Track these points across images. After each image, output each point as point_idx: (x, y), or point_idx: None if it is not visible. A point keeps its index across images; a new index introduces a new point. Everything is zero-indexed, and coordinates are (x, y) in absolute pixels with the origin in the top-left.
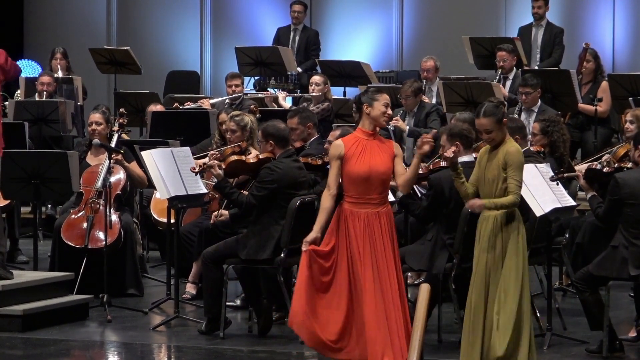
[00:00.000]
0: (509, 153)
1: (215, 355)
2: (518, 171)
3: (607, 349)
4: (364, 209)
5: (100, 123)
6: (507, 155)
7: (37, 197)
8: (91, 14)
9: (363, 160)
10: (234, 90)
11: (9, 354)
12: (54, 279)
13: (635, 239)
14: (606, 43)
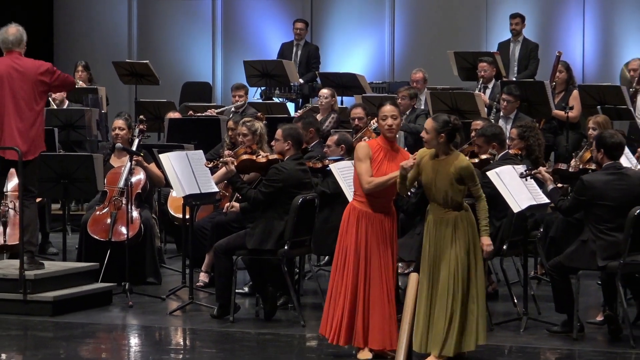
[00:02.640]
0: (462, 168)
1: (226, 337)
2: (475, 179)
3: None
4: (371, 209)
5: (122, 128)
6: (461, 171)
7: (65, 196)
8: (114, 30)
9: (381, 167)
10: (237, 100)
11: (40, 335)
12: (81, 269)
13: (602, 234)
14: (577, 56)
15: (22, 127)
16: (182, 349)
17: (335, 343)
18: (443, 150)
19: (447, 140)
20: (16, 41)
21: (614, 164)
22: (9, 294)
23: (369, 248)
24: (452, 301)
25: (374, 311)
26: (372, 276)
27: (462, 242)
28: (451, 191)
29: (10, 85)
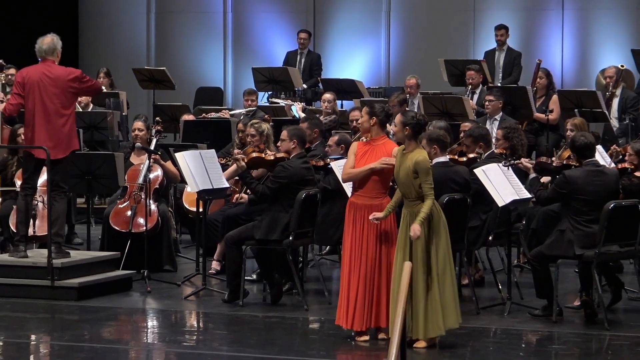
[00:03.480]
0: (417, 162)
1: (236, 320)
2: (428, 176)
3: (555, 314)
4: (362, 201)
5: (141, 129)
6: (416, 165)
7: (90, 191)
8: (134, 40)
9: (362, 162)
10: (249, 104)
11: (67, 318)
12: (103, 257)
13: (579, 224)
14: (556, 64)
15: (51, 128)
16: (196, 331)
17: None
18: (407, 144)
19: (411, 133)
20: (49, 50)
21: (593, 162)
22: (38, 281)
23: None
24: (416, 289)
25: (360, 295)
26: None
27: (424, 233)
28: (411, 184)
29: (41, 90)
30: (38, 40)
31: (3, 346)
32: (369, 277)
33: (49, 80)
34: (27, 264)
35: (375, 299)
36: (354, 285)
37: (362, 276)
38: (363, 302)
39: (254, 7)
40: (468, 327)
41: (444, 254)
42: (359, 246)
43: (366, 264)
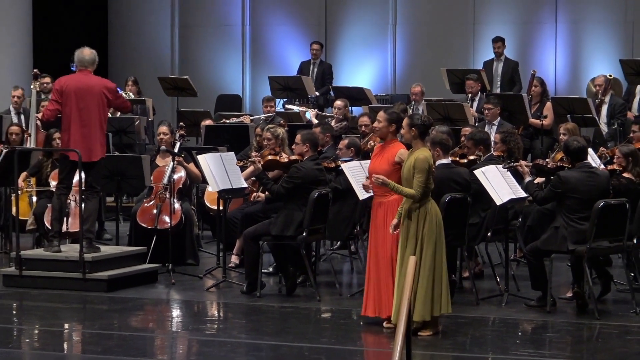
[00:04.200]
0: (417, 159)
1: (253, 310)
2: (421, 173)
3: (549, 305)
4: (375, 199)
5: (166, 133)
6: (416, 162)
7: (118, 190)
8: (160, 51)
9: (374, 161)
10: (268, 110)
11: (97, 308)
12: (131, 252)
13: (572, 222)
14: (550, 73)
15: (86, 133)
16: (217, 320)
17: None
18: (414, 144)
19: (418, 134)
20: (90, 61)
21: (586, 164)
22: (70, 273)
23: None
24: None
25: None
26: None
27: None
28: (412, 180)
29: (78, 98)
30: (77, 52)
31: (39, 334)
32: (386, 269)
33: (86, 88)
34: (60, 258)
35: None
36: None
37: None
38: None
39: (270, 21)
40: (468, 316)
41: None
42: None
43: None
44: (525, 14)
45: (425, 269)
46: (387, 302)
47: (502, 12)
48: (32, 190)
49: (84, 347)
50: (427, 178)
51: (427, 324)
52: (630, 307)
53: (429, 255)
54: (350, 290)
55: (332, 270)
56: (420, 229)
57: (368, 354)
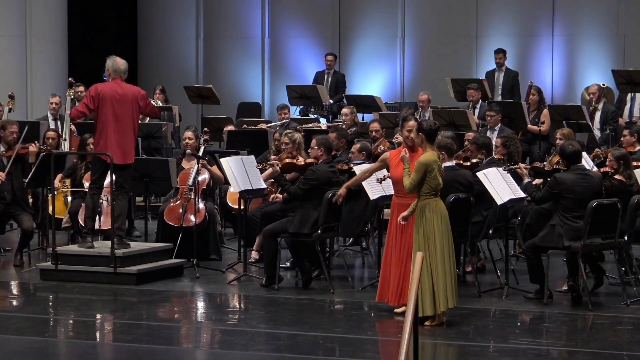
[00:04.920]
0: (418, 161)
1: (272, 302)
2: (417, 173)
3: (546, 297)
4: (396, 200)
5: (191, 138)
6: (417, 163)
7: (147, 191)
8: (185, 62)
9: (397, 168)
10: (283, 117)
11: (127, 300)
12: (158, 248)
13: (568, 220)
14: (547, 82)
15: (120, 138)
16: (238, 311)
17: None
18: (423, 147)
19: (425, 138)
20: (124, 70)
21: (580, 166)
22: (102, 268)
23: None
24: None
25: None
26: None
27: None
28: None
29: (113, 104)
30: (109, 61)
31: (73, 324)
32: (404, 261)
33: (120, 96)
34: (93, 254)
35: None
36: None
37: (396, 260)
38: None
39: (287, 34)
40: (471, 308)
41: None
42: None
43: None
44: (525, 27)
45: (439, 263)
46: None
47: (503, 26)
48: (67, 190)
49: (115, 336)
50: (421, 178)
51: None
52: (622, 300)
53: (438, 250)
54: (362, 284)
55: (345, 265)
56: (430, 226)
57: (378, 342)
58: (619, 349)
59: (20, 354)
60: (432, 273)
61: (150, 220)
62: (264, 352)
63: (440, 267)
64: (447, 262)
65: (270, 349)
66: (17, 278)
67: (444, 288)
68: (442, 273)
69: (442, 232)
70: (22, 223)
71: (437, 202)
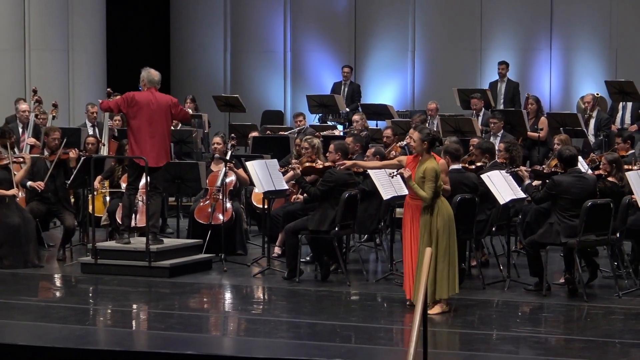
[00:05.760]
0: (427, 169)
1: (293, 293)
2: (430, 181)
3: (545, 289)
4: (409, 200)
5: (219, 143)
6: (426, 171)
7: (179, 191)
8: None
9: (412, 171)
10: (298, 124)
11: (161, 291)
12: (189, 244)
13: (565, 219)
14: (545, 91)
15: (154, 142)
16: (262, 302)
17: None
18: (424, 155)
19: (428, 146)
20: (158, 81)
21: (576, 169)
22: (138, 262)
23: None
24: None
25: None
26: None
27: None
28: (422, 186)
29: (148, 112)
30: (144, 72)
31: (111, 313)
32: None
33: (154, 104)
34: (129, 249)
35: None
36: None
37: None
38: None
39: (308, 47)
40: (475, 299)
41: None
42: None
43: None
44: (525, 42)
45: (442, 257)
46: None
47: (505, 41)
48: (105, 191)
49: (149, 324)
50: (435, 184)
51: (436, 302)
52: (614, 291)
53: (443, 245)
54: (376, 277)
55: (360, 259)
56: (434, 224)
57: (390, 330)
58: (611, 336)
59: (63, 341)
60: (436, 267)
61: (182, 218)
62: (285, 339)
63: (443, 260)
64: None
65: (291, 337)
66: (60, 271)
67: (446, 279)
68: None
69: (446, 230)
70: (65, 221)
71: (442, 203)
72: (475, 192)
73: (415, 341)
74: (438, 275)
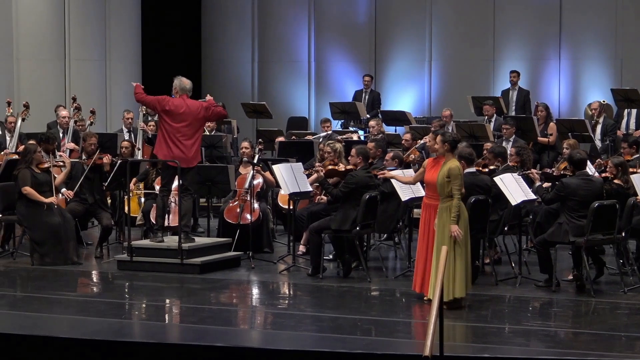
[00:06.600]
0: (450, 169)
1: (317, 289)
2: (457, 180)
3: (554, 285)
4: (426, 201)
5: (247, 148)
6: (449, 171)
7: (209, 193)
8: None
9: (430, 172)
10: (325, 129)
11: (192, 287)
12: (219, 242)
13: (573, 219)
14: (554, 99)
15: (187, 146)
16: (287, 297)
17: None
18: (446, 156)
19: (449, 148)
20: (190, 88)
21: (584, 172)
22: (170, 259)
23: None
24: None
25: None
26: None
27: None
28: (445, 186)
29: (180, 117)
30: (177, 81)
31: (146, 307)
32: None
33: (187, 109)
34: (163, 247)
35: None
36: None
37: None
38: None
39: (331, 57)
40: (489, 294)
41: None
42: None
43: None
44: (535, 52)
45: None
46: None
47: (516, 51)
48: (140, 192)
49: (181, 318)
50: (461, 181)
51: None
52: (620, 288)
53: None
54: (395, 273)
55: (380, 257)
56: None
57: (408, 324)
58: (617, 330)
59: (100, 333)
60: (451, 265)
61: (212, 218)
62: (309, 332)
63: (458, 259)
64: (464, 256)
65: (315, 330)
66: (97, 268)
67: (461, 278)
68: (460, 265)
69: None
70: (102, 221)
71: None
72: (488, 193)
73: (432, 334)
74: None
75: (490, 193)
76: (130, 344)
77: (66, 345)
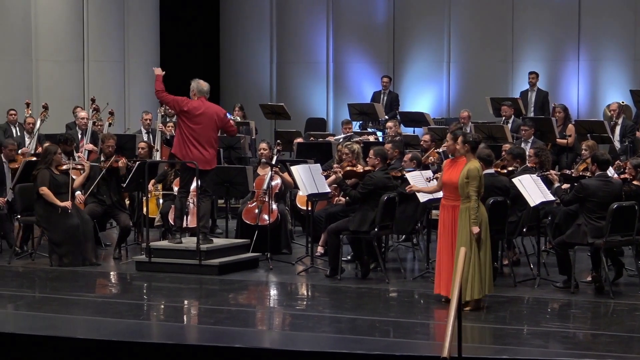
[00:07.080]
0: (469, 169)
1: (335, 290)
2: (474, 180)
3: (573, 287)
4: (444, 202)
5: (266, 149)
6: (468, 172)
7: (227, 194)
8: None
9: (447, 173)
10: (347, 131)
11: (210, 288)
12: (237, 243)
13: (592, 220)
14: (573, 100)
15: (203, 148)
16: (306, 298)
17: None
18: (467, 157)
19: (470, 149)
20: (207, 91)
21: (604, 174)
22: (189, 260)
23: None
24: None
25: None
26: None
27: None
28: (465, 186)
29: (198, 119)
30: (194, 83)
31: (164, 308)
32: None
33: (204, 112)
34: (181, 248)
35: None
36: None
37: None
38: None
39: (349, 59)
40: (507, 296)
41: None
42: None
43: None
44: (554, 53)
45: (476, 258)
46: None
47: (535, 52)
48: (159, 194)
49: (200, 319)
50: (478, 183)
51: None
52: (638, 289)
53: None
54: (413, 275)
55: (398, 258)
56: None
57: (427, 325)
58: (636, 332)
59: (119, 334)
60: (472, 266)
61: (231, 219)
62: (328, 334)
63: (477, 261)
64: (484, 257)
65: (333, 331)
66: (116, 269)
67: (480, 279)
68: (479, 266)
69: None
70: (120, 222)
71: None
72: (507, 195)
73: (450, 335)
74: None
75: (508, 194)
76: (148, 345)
77: (84, 346)
